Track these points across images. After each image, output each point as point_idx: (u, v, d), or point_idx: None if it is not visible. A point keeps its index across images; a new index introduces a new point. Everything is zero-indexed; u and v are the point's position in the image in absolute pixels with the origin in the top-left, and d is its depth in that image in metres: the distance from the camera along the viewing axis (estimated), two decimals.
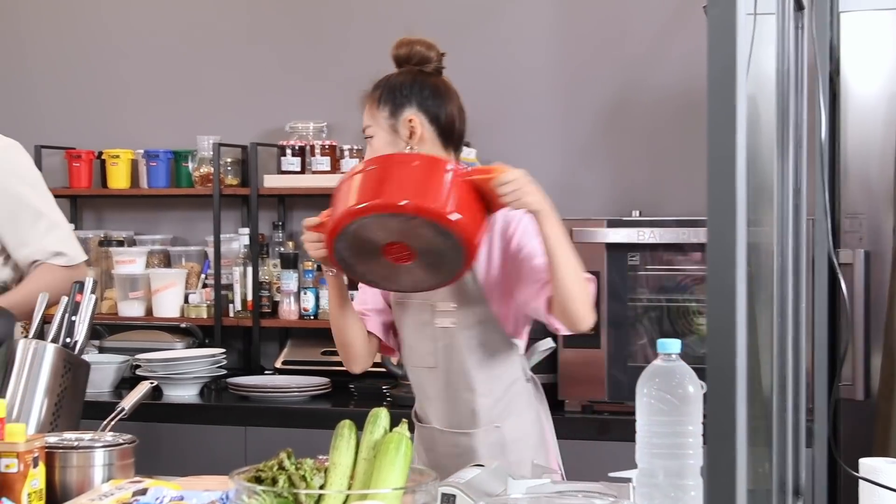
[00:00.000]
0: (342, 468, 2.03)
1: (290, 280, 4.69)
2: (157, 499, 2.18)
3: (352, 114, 4.98)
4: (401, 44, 2.83)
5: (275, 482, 1.95)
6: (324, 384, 4.47)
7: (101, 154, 5.07)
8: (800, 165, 2.53)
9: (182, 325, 4.85)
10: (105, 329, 4.88)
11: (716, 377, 1.36)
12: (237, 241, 4.85)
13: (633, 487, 1.97)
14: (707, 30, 1.60)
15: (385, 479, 1.97)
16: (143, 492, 2.24)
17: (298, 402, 4.38)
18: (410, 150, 2.70)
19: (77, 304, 2.90)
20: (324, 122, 4.83)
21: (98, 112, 5.20)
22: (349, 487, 2.01)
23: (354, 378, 4.30)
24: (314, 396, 4.43)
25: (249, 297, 4.77)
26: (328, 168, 4.72)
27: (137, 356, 4.57)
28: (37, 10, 5.28)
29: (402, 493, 1.96)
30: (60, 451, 2.37)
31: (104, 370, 4.50)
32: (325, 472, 2.02)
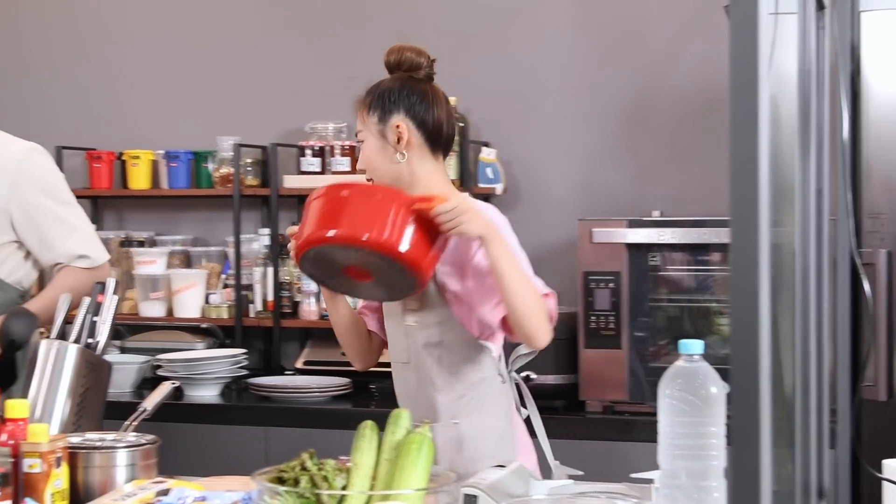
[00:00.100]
0: (364, 469, 2.03)
1: (311, 280, 4.68)
2: (180, 499, 2.19)
3: None
4: (391, 50, 2.90)
5: (297, 483, 1.96)
6: (345, 384, 4.47)
7: (122, 155, 5.08)
8: (822, 165, 2.52)
9: (203, 326, 4.87)
10: (126, 329, 4.89)
11: (739, 378, 1.36)
12: (257, 242, 4.86)
13: (656, 489, 1.97)
14: (729, 30, 1.59)
15: (407, 480, 1.98)
16: (166, 492, 2.24)
17: (319, 403, 4.39)
18: (399, 156, 2.81)
19: (99, 305, 2.92)
20: (343, 123, 4.83)
21: (119, 113, 5.21)
22: (371, 488, 2.01)
23: (375, 378, 4.30)
24: (335, 397, 4.44)
25: (270, 298, 4.77)
26: (348, 168, 4.72)
27: (158, 356, 4.59)
28: (57, 12, 5.30)
29: (425, 494, 1.96)
30: (83, 452, 2.39)
31: (125, 370, 4.51)
32: (347, 473, 2.02)
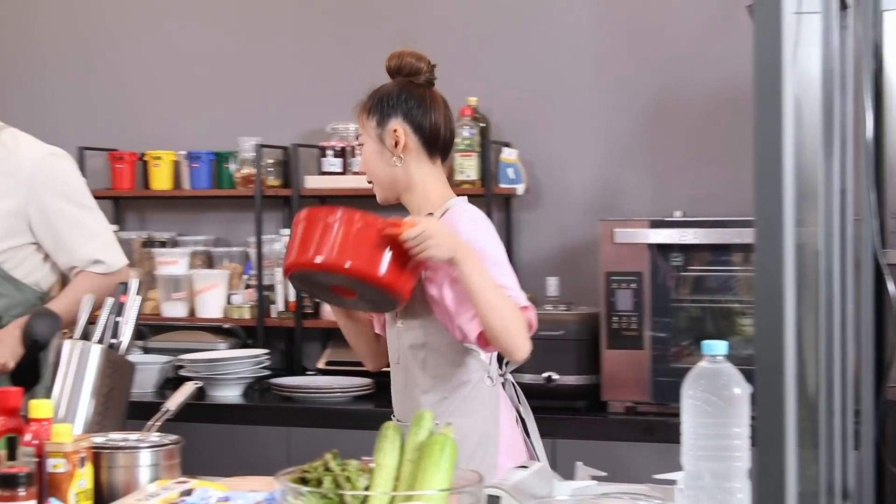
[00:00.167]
0: (387, 469, 2.03)
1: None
2: (204, 499, 2.19)
3: None
4: (392, 56, 2.99)
5: (320, 483, 1.95)
6: (367, 385, 4.47)
7: (144, 155, 5.10)
8: (845, 165, 2.51)
9: (225, 326, 4.88)
10: (148, 330, 4.91)
11: (764, 379, 1.36)
12: (279, 242, 4.86)
13: (679, 490, 1.96)
14: (754, 30, 1.59)
15: (430, 481, 1.97)
16: (189, 492, 2.25)
17: (341, 403, 4.39)
18: (396, 160, 2.89)
19: (122, 305, 2.93)
20: None
21: (141, 114, 5.23)
22: (394, 489, 2.01)
23: None
24: (357, 397, 4.44)
25: (292, 298, 4.78)
26: None
27: (181, 357, 4.60)
28: (80, 13, 5.31)
29: (448, 495, 1.96)
30: (107, 452, 2.39)
31: (148, 370, 4.53)
32: (370, 474, 2.02)
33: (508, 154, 4.63)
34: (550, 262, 4.69)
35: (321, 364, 4.78)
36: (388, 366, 3.03)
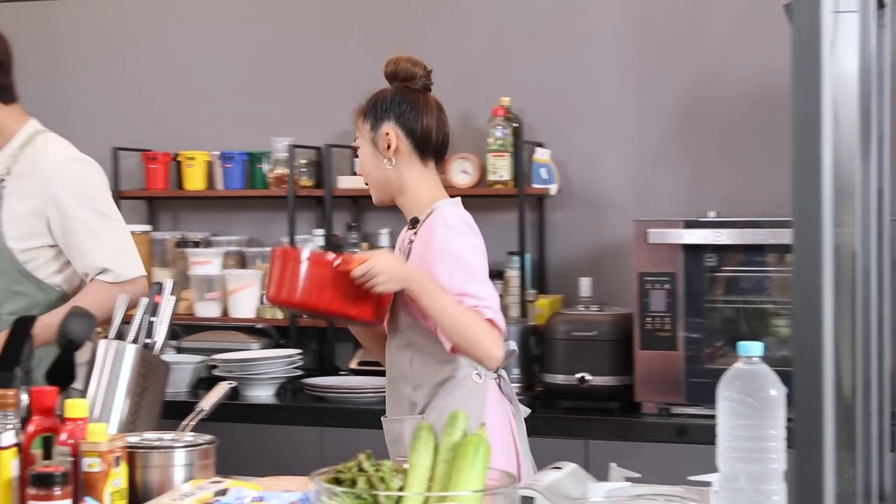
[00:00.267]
0: (421, 470, 2.03)
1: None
2: (238, 499, 2.20)
3: None
4: (388, 62, 3.07)
5: (354, 483, 1.95)
6: None
7: (178, 156, 5.12)
8: (882, 165, 2.49)
9: (257, 326, 4.89)
10: (182, 329, 4.92)
11: (802, 381, 1.35)
12: (312, 243, 4.87)
13: (715, 491, 1.95)
14: (792, 29, 1.58)
15: (464, 482, 1.97)
16: (224, 492, 2.25)
17: (373, 403, 4.38)
18: (387, 162, 3.00)
19: (156, 305, 2.93)
20: None
21: (174, 114, 5.25)
22: (428, 489, 2.01)
23: None
24: None
25: None
26: None
27: (214, 356, 4.61)
28: (114, 15, 5.34)
29: (482, 496, 1.95)
30: (141, 451, 2.39)
31: (181, 370, 4.54)
32: (404, 474, 2.02)
33: (541, 154, 4.62)
34: (583, 263, 4.68)
35: (353, 364, 4.78)
36: None
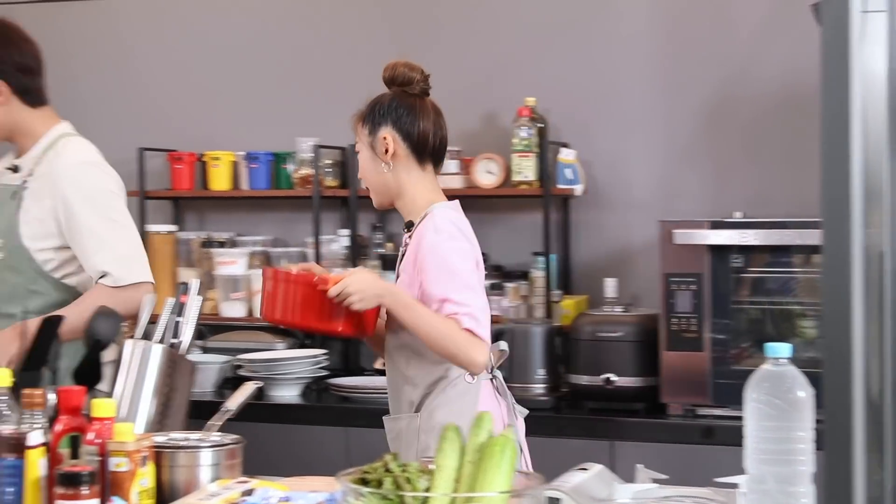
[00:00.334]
0: (448, 471, 2.02)
1: (390, 281, 4.69)
2: (265, 499, 2.20)
3: (450, 115, 4.98)
4: (386, 67, 3.16)
5: (380, 484, 1.95)
6: None
7: (203, 156, 5.13)
8: None
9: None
10: (207, 329, 4.93)
11: (832, 383, 1.34)
12: (337, 243, 4.87)
13: (743, 493, 1.95)
14: (822, 29, 1.57)
15: (491, 483, 1.96)
16: (250, 492, 2.25)
17: None
18: (385, 166, 3.06)
19: (182, 305, 2.94)
20: None
21: (199, 114, 5.26)
22: (455, 490, 2.01)
23: None
24: None
25: None
26: None
27: (239, 356, 4.62)
28: (139, 15, 5.35)
29: (509, 497, 1.95)
30: (168, 451, 2.40)
31: (207, 370, 4.55)
32: (431, 475, 2.01)
33: (566, 154, 4.61)
34: (608, 263, 4.67)
35: (378, 364, 4.78)
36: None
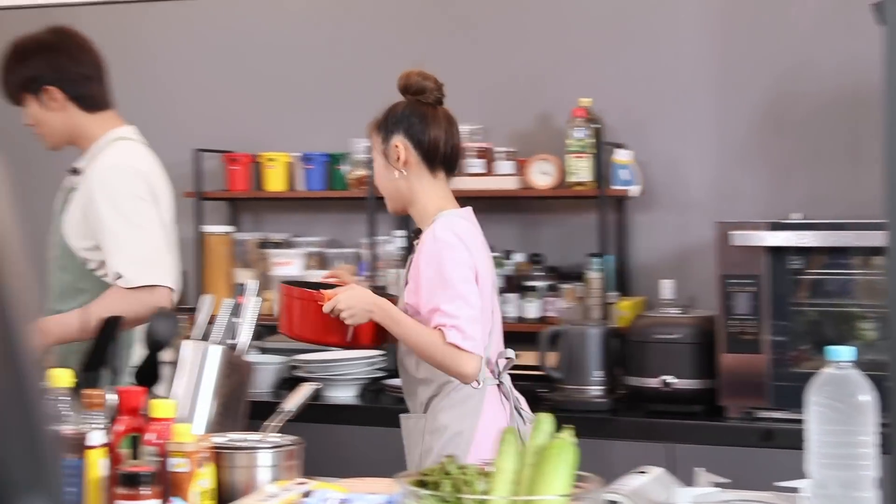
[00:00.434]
0: (506, 473, 2.02)
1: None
2: (323, 501, 2.21)
3: (505, 116, 4.99)
4: (400, 76, 3.24)
5: (439, 486, 1.95)
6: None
7: (258, 157, 5.15)
8: None
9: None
10: (264, 330, 4.95)
11: None
12: (391, 244, 4.88)
13: (806, 498, 1.93)
14: (886, 28, 1.55)
15: (550, 486, 1.96)
16: (309, 494, 2.26)
17: None
18: (397, 173, 3.12)
19: (239, 306, 2.96)
20: (477, 125, 4.82)
21: (255, 116, 5.28)
22: (514, 493, 2.00)
23: (511, 381, 4.29)
24: None
25: None
26: (482, 170, 4.71)
27: (296, 357, 4.63)
28: (196, 16, 5.39)
29: (568, 500, 1.94)
30: (227, 452, 2.41)
31: (264, 371, 4.57)
32: (489, 478, 2.01)
33: (622, 155, 4.59)
34: (665, 265, 4.65)
35: None
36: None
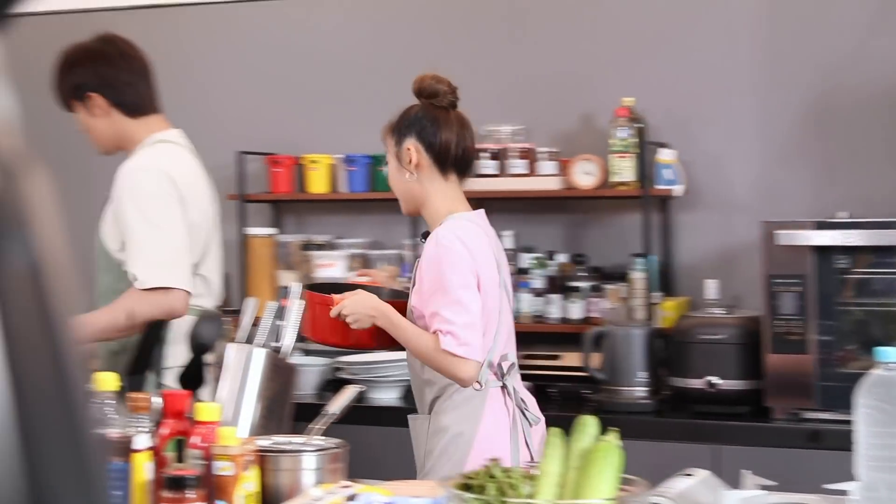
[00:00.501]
0: (552, 476, 2.01)
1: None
2: None
3: (548, 116, 4.98)
4: (415, 80, 3.27)
5: (484, 490, 1.95)
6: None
7: (301, 159, 5.16)
8: None
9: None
10: None
11: None
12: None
13: (856, 501, 1.91)
14: None
15: (595, 489, 1.95)
16: (354, 497, 2.26)
17: None
18: (409, 175, 3.16)
19: (282, 309, 2.96)
20: (520, 125, 4.81)
21: (297, 118, 5.29)
22: (560, 496, 1.99)
23: (555, 382, 4.29)
24: None
25: None
26: (525, 171, 4.70)
27: (339, 359, 4.64)
28: (241, 20, 5.41)
29: (614, 503, 1.93)
30: (272, 455, 2.42)
31: (308, 373, 4.57)
32: (534, 481, 2.00)
33: (665, 155, 4.56)
34: (710, 264, 4.62)
35: None
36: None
